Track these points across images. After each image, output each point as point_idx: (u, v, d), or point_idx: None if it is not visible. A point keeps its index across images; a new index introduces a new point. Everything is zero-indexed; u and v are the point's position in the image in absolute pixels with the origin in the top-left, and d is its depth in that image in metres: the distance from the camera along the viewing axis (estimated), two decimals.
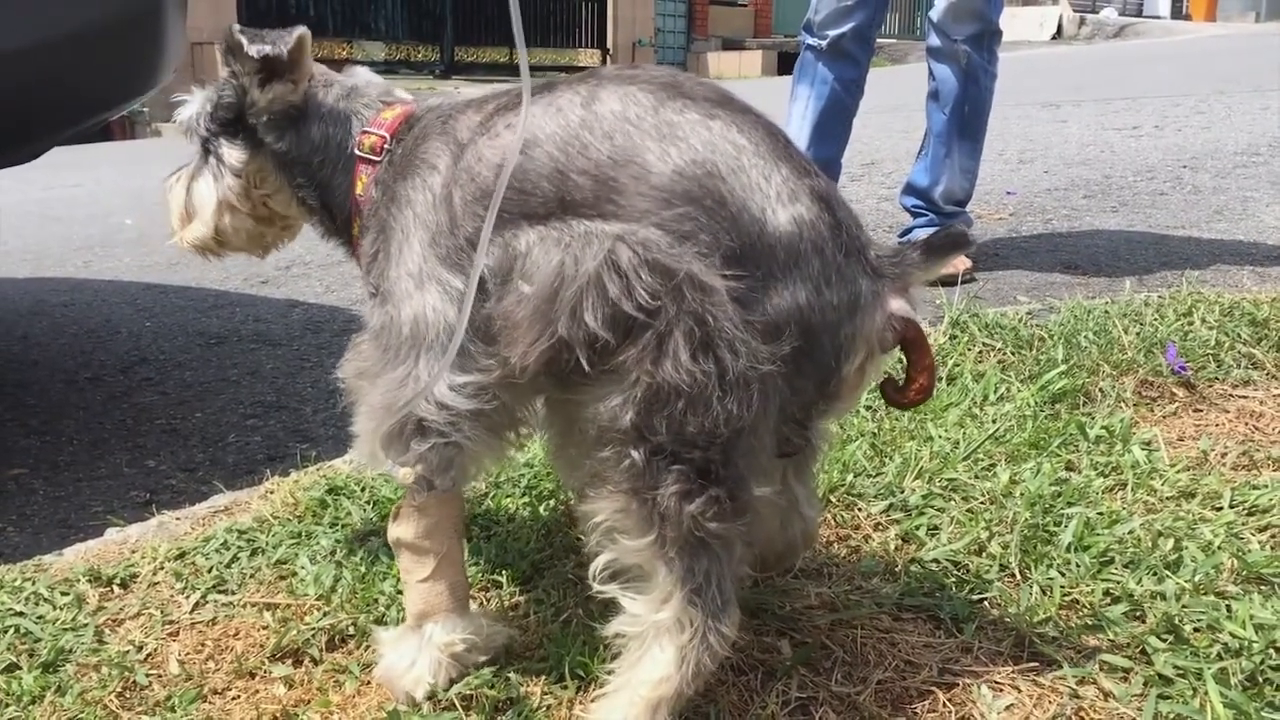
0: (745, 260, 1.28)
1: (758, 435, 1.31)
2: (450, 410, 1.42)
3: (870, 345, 1.36)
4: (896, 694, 1.51)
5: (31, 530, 2.40)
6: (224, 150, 1.67)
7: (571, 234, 1.31)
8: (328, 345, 3.62)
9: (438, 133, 1.50)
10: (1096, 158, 6.42)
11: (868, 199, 5.49)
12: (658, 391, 1.25)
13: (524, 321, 1.33)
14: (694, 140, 1.31)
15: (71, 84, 2.69)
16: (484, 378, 1.41)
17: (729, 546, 1.32)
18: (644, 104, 1.34)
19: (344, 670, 1.59)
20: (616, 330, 1.27)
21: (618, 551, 1.34)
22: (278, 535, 1.98)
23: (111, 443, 2.88)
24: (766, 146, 1.33)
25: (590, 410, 1.33)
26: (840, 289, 1.32)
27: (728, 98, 1.38)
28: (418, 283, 1.42)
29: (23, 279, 4.77)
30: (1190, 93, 9.03)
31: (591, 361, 1.29)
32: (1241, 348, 2.71)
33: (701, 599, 1.31)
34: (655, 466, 1.28)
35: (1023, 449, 2.20)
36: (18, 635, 1.70)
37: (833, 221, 1.32)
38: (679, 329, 1.24)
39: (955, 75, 3.82)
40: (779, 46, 19.04)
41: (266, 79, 1.59)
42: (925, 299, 3.57)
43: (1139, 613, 1.63)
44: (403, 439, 1.44)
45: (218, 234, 1.72)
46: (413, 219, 1.45)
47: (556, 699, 1.50)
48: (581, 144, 1.34)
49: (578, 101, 1.37)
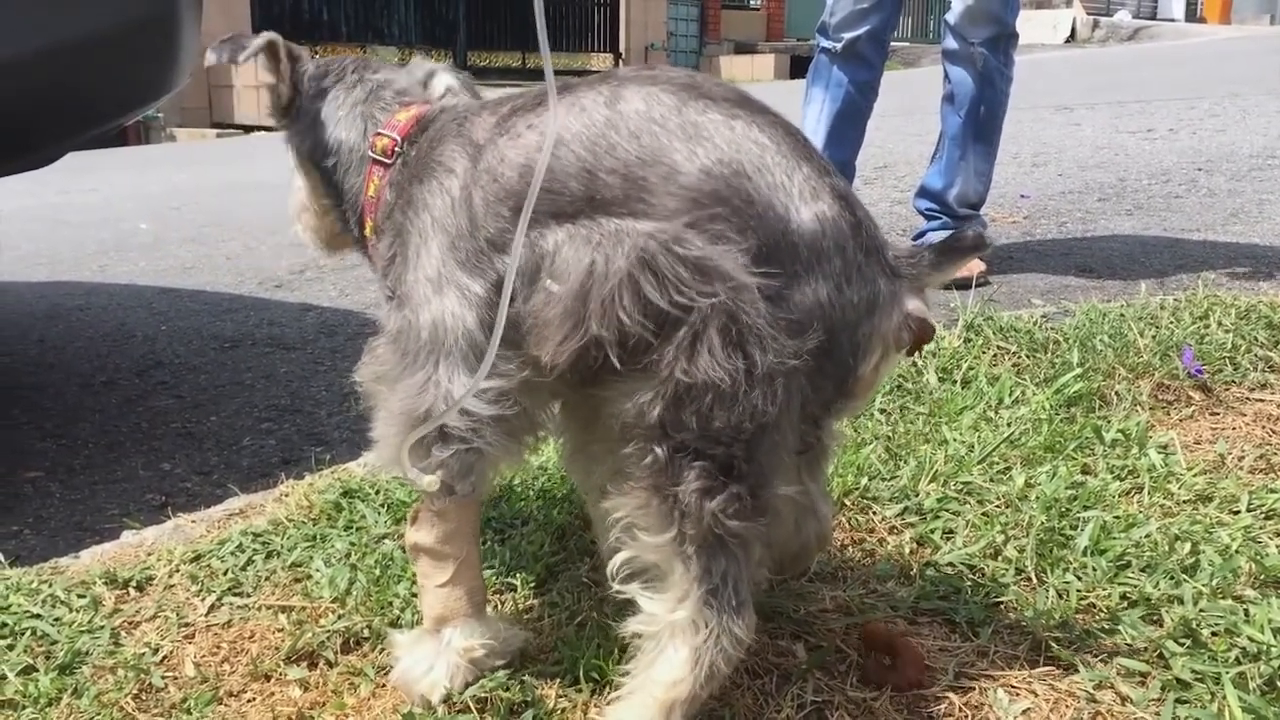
0: (772, 258, 1.28)
1: (781, 432, 1.31)
2: (473, 416, 1.41)
3: (886, 344, 1.36)
4: (912, 698, 1.50)
5: (48, 533, 2.41)
6: (290, 149, 1.76)
7: (602, 232, 1.31)
8: (342, 349, 3.63)
9: (453, 135, 1.50)
10: (1111, 161, 6.39)
11: (881, 202, 5.48)
12: (689, 388, 1.26)
13: (554, 320, 1.33)
14: (719, 140, 1.31)
15: (86, 89, 2.70)
16: (506, 382, 1.41)
17: (747, 547, 1.32)
18: (667, 104, 1.34)
19: (359, 673, 1.59)
20: (650, 327, 1.27)
21: (637, 548, 1.34)
22: (293, 538, 1.98)
23: (127, 446, 2.89)
24: (788, 146, 1.33)
25: (616, 406, 1.33)
26: (860, 287, 1.32)
27: (746, 98, 1.39)
28: (436, 287, 1.42)
29: (38, 283, 4.79)
30: (1205, 95, 9.00)
31: (622, 359, 1.29)
32: (1258, 351, 2.70)
33: (717, 600, 1.31)
34: (678, 463, 1.28)
35: (1038, 452, 2.19)
36: (34, 637, 1.70)
37: (853, 220, 1.33)
38: (714, 325, 1.25)
39: (971, 78, 3.82)
40: (791, 50, 19.05)
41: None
42: (939, 302, 3.57)
43: (1156, 617, 1.63)
44: (424, 445, 1.43)
45: (310, 232, 1.81)
46: (430, 223, 1.45)
47: (571, 702, 1.50)
48: (609, 143, 1.34)
49: (601, 101, 1.37)
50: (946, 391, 2.54)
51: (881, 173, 6.35)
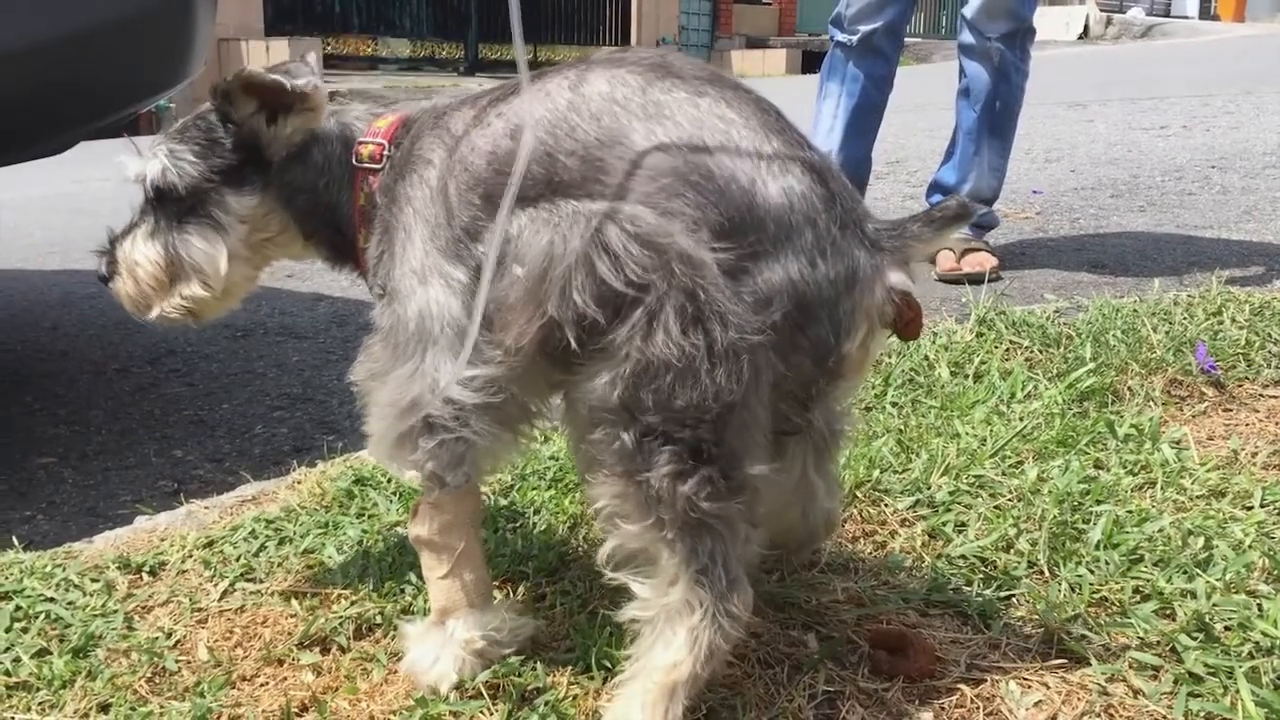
0: (735, 233, 1.27)
1: (750, 410, 1.30)
2: (457, 405, 1.40)
3: (871, 320, 1.35)
4: (923, 689, 1.50)
5: (61, 518, 2.42)
6: (229, 200, 1.59)
7: (560, 214, 1.31)
8: (353, 339, 3.63)
9: (430, 129, 1.50)
10: (1124, 157, 6.37)
11: (893, 197, 5.47)
12: (646, 366, 1.25)
13: (517, 304, 1.33)
14: (680, 118, 1.31)
15: (100, 77, 2.70)
16: (491, 370, 1.39)
17: (731, 525, 1.31)
18: (631, 85, 1.34)
19: (372, 659, 1.59)
20: (606, 307, 1.26)
21: (620, 536, 1.34)
22: (305, 525, 1.99)
23: (139, 433, 2.90)
24: (757, 120, 1.32)
25: (581, 391, 1.32)
26: (836, 262, 1.30)
27: (717, 75, 1.38)
28: (421, 278, 1.42)
29: (51, 271, 4.80)
30: (1218, 93, 8.96)
31: (581, 341, 1.29)
32: (1272, 347, 2.69)
33: (708, 578, 1.30)
34: (646, 448, 1.28)
35: (1050, 446, 2.18)
36: (48, 621, 1.71)
37: (826, 194, 1.31)
38: (670, 304, 1.24)
39: (987, 73, 3.80)
40: (803, 45, 19.00)
41: (273, 115, 1.56)
42: (951, 297, 3.57)
43: (1169, 611, 1.62)
44: (412, 436, 1.43)
45: (225, 291, 1.65)
46: (413, 215, 1.45)
47: (583, 689, 1.50)
48: (569, 126, 1.34)
49: (565, 85, 1.37)
50: (958, 385, 2.54)
51: (894, 168, 6.34)
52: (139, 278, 1.67)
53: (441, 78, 15.59)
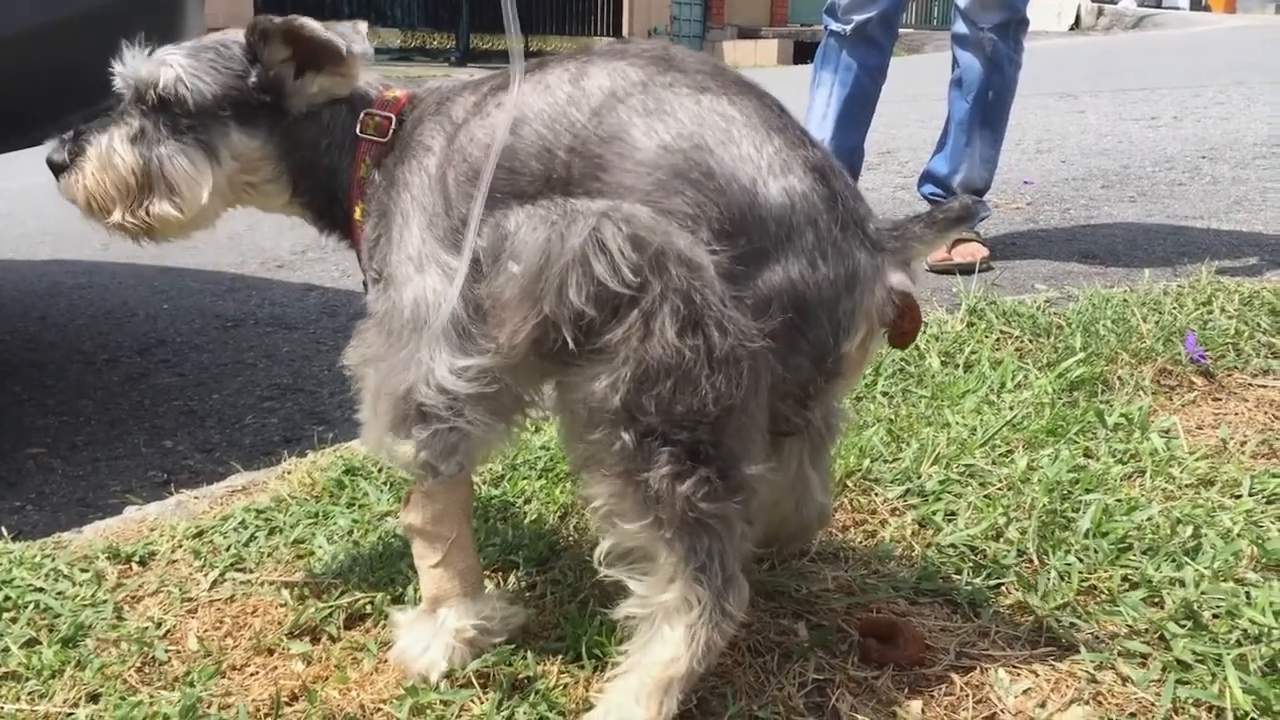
0: (735, 233, 1.26)
1: (749, 413, 1.30)
2: (450, 395, 1.39)
3: (871, 321, 1.34)
4: (913, 677, 1.50)
5: (50, 509, 2.41)
6: (233, 134, 1.54)
7: (558, 212, 1.30)
8: (344, 329, 3.62)
9: (432, 114, 1.49)
10: (1114, 148, 6.38)
11: (884, 187, 5.47)
12: (646, 370, 1.24)
13: (512, 301, 1.32)
14: (682, 114, 1.29)
15: (89, 65, 2.69)
16: (485, 360, 1.39)
17: (728, 524, 1.31)
18: (632, 79, 1.33)
19: (362, 648, 1.59)
20: (602, 308, 1.26)
21: (618, 535, 1.34)
22: (295, 515, 1.99)
23: (129, 423, 2.89)
24: (759, 118, 1.31)
25: (581, 391, 1.32)
26: (837, 263, 1.30)
27: (720, 70, 1.37)
28: (418, 265, 1.42)
29: (41, 260, 4.78)
30: (1209, 84, 8.96)
31: (578, 341, 1.28)
32: (1261, 337, 2.70)
33: (706, 576, 1.31)
34: (646, 448, 1.28)
35: (1040, 436, 2.19)
36: (38, 610, 1.71)
37: (827, 193, 1.30)
38: (665, 306, 1.23)
39: (980, 63, 3.80)
40: (795, 36, 18.96)
41: (300, 69, 1.53)
42: (942, 287, 3.57)
43: (1157, 599, 1.63)
44: (405, 425, 1.42)
45: (193, 219, 1.59)
46: (410, 202, 1.44)
47: (573, 678, 1.51)
48: (569, 121, 1.33)
49: (566, 78, 1.36)
50: (949, 375, 2.54)
51: (885, 158, 6.33)
52: (107, 179, 1.56)
53: (433, 68, 15.54)
